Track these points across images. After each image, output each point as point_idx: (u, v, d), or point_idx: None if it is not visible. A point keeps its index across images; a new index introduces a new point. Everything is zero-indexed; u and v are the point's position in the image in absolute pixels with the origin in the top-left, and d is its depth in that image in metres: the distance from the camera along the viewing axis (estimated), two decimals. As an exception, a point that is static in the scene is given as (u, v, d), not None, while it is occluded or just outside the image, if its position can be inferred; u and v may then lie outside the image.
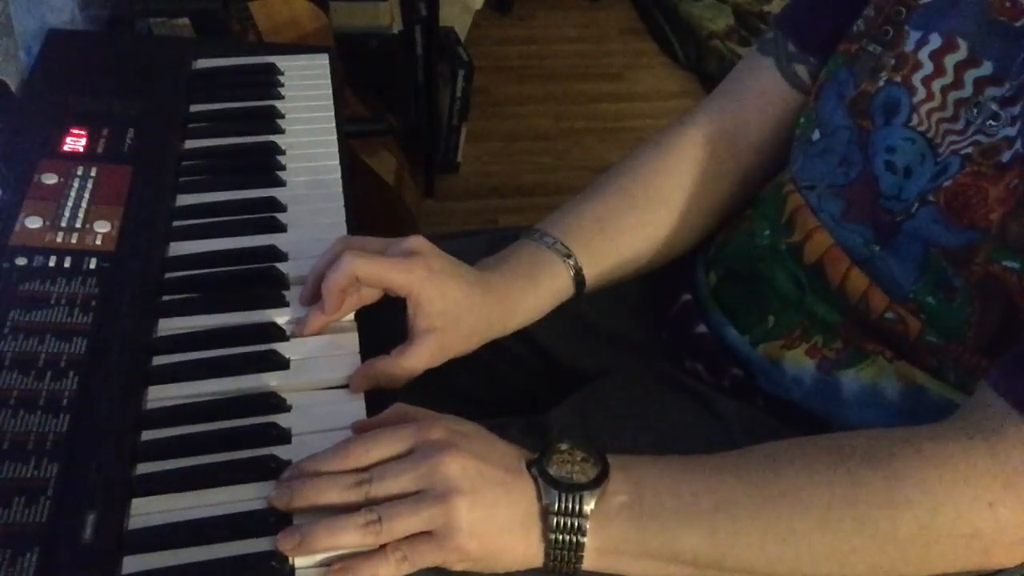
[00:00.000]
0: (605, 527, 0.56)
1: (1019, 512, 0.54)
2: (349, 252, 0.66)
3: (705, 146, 0.80)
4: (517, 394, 0.86)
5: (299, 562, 0.54)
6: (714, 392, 0.77)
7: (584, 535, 0.56)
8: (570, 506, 0.55)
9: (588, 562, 0.57)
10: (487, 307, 0.70)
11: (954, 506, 0.54)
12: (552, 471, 0.57)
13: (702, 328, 0.78)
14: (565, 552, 0.56)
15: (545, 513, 0.56)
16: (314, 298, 0.69)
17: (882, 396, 0.69)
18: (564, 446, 0.58)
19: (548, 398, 0.79)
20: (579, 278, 0.75)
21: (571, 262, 0.74)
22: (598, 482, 0.56)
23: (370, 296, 0.70)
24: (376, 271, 0.66)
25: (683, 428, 0.74)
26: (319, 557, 0.54)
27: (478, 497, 0.55)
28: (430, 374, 0.68)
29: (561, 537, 0.56)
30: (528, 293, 0.73)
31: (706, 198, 0.80)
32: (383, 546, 0.54)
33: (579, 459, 0.57)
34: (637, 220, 0.78)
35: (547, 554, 0.56)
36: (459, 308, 0.68)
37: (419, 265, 0.66)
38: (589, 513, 0.56)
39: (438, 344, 0.67)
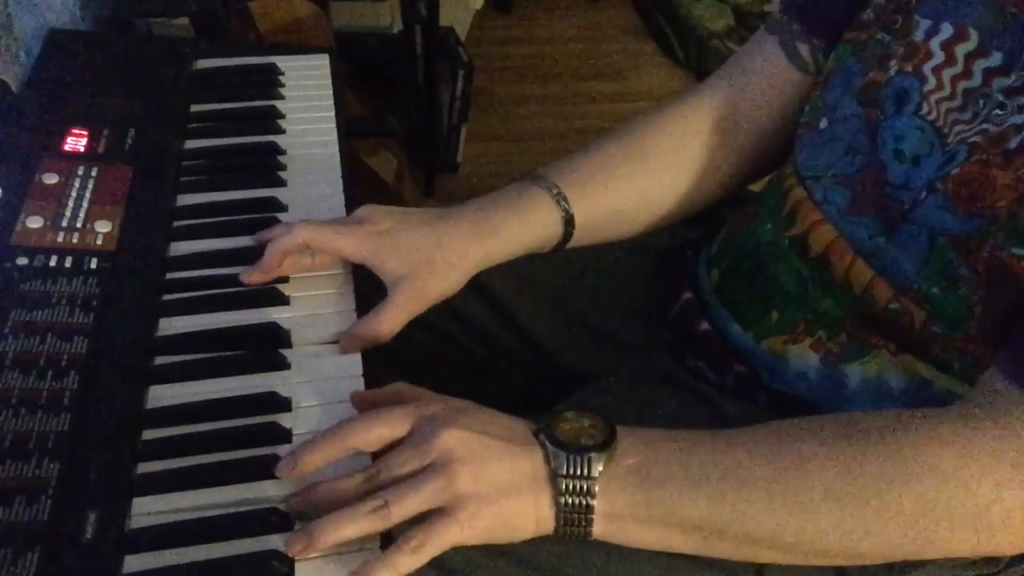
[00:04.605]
0: (613, 490, 0.56)
1: None
2: (302, 221, 0.70)
3: (706, 115, 0.81)
4: (518, 395, 0.86)
5: (299, 559, 0.54)
6: (717, 391, 0.77)
7: (593, 497, 0.55)
8: (578, 469, 0.55)
9: (596, 528, 0.56)
10: (461, 239, 0.71)
11: (961, 485, 0.54)
12: (560, 436, 0.57)
13: (704, 326, 0.78)
14: (575, 515, 0.56)
15: (554, 476, 0.56)
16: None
17: (887, 389, 0.69)
18: (571, 414, 0.58)
19: (549, 399, 0.78)
20: (568, 219, 0.75)
21: (562, 203, 0.75)
22: (606, 445, 0.56)
23: (321, 264, 0.73)
24: (323, 236, 0.70)
25: (686, 428, 0.74)
26: (318, 553, 0.54)
27: (480, 465, 0.55)
28: (429, 376, 0.68)
29: (570, 500, 0.55)
30: (511, 220, 0.73)
31: (702, 165, 0.81)
32: (397, 541, 0.53)
33: (587, 425, 0.58)
34: (630, 170, 0.79)
35: (558, 519, 0.56)
36: (422, 251, 0.69)
37: (366, 230, 0.70)
38: (598, 475, 0.55)
39: (413, 291, 0.69)
